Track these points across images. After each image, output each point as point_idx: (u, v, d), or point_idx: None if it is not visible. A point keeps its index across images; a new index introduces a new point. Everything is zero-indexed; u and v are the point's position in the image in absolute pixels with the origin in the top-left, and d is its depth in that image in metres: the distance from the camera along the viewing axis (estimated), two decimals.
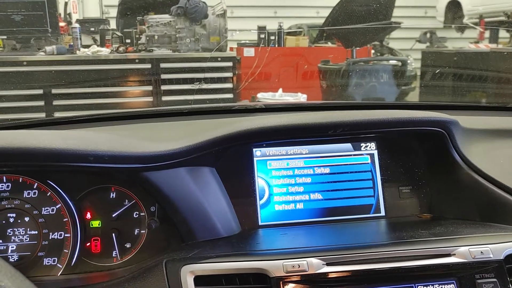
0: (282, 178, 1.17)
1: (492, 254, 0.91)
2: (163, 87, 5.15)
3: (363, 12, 5.91)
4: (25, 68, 4.79)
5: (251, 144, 1.16)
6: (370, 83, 5.25)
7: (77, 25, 5.40)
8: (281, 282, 0.86)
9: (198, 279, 0.87)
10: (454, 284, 0.89)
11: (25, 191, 1.05)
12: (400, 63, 6.21)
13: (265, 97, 4.20)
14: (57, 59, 4.88)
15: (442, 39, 8.27)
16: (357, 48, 5.76)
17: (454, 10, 8.97)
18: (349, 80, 5.25)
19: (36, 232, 1.05)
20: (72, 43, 5.22)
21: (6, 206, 1.05)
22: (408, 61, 6.55)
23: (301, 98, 4.21)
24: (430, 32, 8.36)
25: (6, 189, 1.05)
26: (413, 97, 6.54)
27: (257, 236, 1.09)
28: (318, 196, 1.17)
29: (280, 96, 4.20)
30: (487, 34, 7.58)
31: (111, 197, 1.09)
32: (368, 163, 1.20)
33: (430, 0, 10.27)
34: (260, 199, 1.15)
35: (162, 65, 5.15)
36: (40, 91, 4.80)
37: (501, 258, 0.90)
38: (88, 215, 1.08)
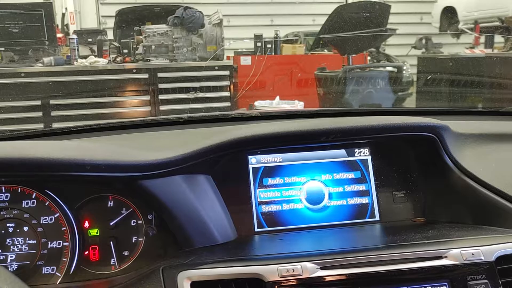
0: (277, 185, 1.18)
1: (483, 256, 0.92)
2: (161, 97, 5.16)
3: (359, 19, 5.95)
4: (23, 79, 4.80)
5: (246, 151, 1.18)
6: (366, 90, 5.27)
7: (74, 36, 5.42)
8: (276, 287, 0.88)
9: (195, 285, 0.89)
10: (446, 286, 0.90)
11: (23, 201, 1.07)
12: (396, 70, 6.23)
13: (263, 105, 4.20)
14: (55, 70, 4.89)
15: (438, 45, 8.30)
16: (353, 55, 5.79)
17: (449, 16, 9.03)
18: (346, 87, 5.26)
19: (35, 241, 1.06)
20: (69, 54, 5.24)
21: (5, 216, 1.06)
22: (404, 67, 6.58)
23: (298, 105, 4.21)
24: (426, 38, 8.40)
25: (5, 199, 1.07)
26: (410, 103, 6.56)
27: (252, 242, 1.10)
28: (313, 202, 1.18)
29: (278, 104, 4.20)
30: (482, 39, 7.63)
31: (108, 205, 1.10)
32: (361, 168, 1.22)
33: (426, 7, 10.34)
34: (256, 205, 1.17)
35: (160, 74, 5.17)
36: (38, 102, 4.82)
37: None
38: (86, 224, 1.09)
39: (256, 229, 1.16)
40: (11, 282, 0.52)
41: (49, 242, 1.07)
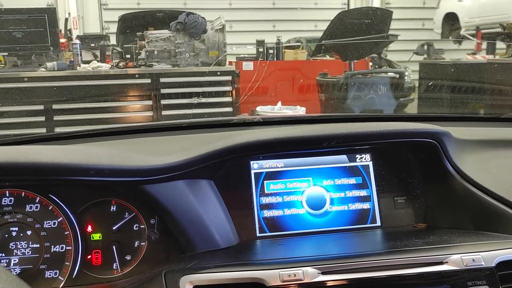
0: (279, 190, 1.19)
1: (484, 262, 0.92)
2: (163, 102, 5.18)
3: (360, 25, 5.97)
4: (26, 84, 4.83)
5: (248, 157, 1.18)
6: (368, 96, 5.28)
7: (77, 41, 5.45)
8: None
9: None
10: None
11: (27, 205, 1.07)
12: (398, 75, 6.25)
13: (264, 111, 4.22)
14: (57, 75, 4.92)
15: (440, 50, 8.32)
16: (355, 61, 5.80)
17: (451, 22, 9.06)
18: (347, 92, 5.28)
19: (38, 245, 1.07)
20: (72, 59, 5.26)
21: (9, 220, 1.07)
22: (406, 73, 6.61)
23: (300, 111, 4.23)
24: (428, 44, 8.42)
25: (9, 203, 1.07)
26: (412, 108, 6.57)
27: (254, 247, 1.11)
28: (314, 207, 1.19)
29: (279, 109, 4.21)
30: (484, 45, 7.64)
31: (111, 210, 1.11)
32: (363, 174, 1.22)
33: (427, 13, 10.36)
34: (257, 210, 1.17)
35: (162, 79, 5.19)
36: (41, 107, 4.84)
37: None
38: (89, 228, 1.10)
39: (258, 234, 1.16)
40: (17, 285, 0.53)
41: (52, 246, 1.07)
